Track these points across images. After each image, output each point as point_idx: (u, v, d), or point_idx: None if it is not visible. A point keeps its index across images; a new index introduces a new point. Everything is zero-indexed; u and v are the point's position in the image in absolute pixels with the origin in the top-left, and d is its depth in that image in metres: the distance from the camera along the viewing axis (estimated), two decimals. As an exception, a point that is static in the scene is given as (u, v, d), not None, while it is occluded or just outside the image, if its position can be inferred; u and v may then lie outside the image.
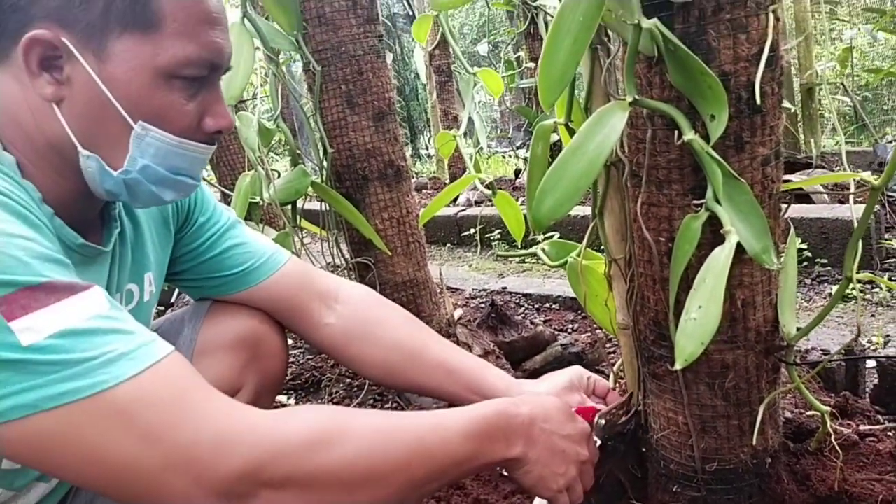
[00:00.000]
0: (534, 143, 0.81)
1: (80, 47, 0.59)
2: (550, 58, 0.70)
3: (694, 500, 0.79)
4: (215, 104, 0.68)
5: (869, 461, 0.86)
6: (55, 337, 0.49)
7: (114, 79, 0.61)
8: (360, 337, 0.90)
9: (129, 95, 0.62)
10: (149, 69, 0.61)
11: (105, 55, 0.60)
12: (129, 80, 0.61)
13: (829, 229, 1.97)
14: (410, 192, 1.37)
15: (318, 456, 0.55)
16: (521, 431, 0.70)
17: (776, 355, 0.75)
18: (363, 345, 0.90)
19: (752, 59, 0.65)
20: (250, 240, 0.90)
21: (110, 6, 0.58)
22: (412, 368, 0.90)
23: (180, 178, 0.68)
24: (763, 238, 0.66)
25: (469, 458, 0.65)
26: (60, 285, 0.52)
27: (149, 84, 0.62)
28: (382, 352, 0.90)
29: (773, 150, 0.69)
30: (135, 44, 0.60)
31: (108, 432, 0.50)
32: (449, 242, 3.35)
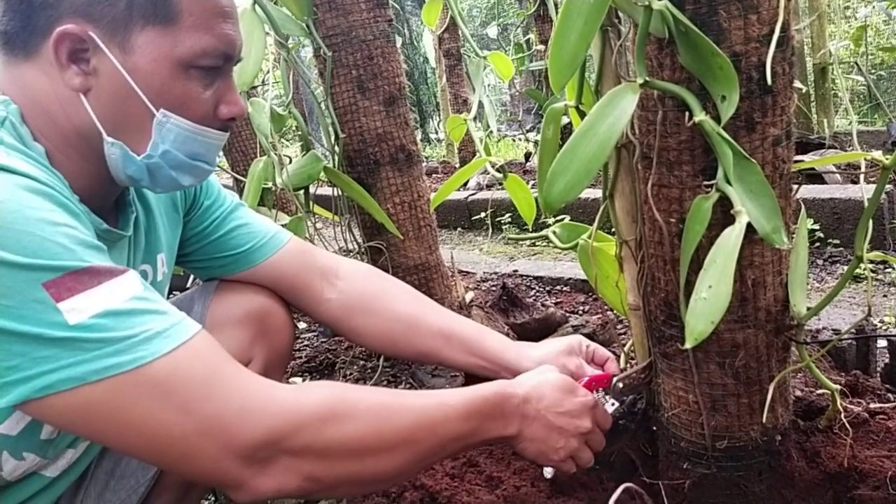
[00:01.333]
0: (544, 126, 0.81)
1: (106, 40, 0.63)
2: (561, 40, 0.71)
3: (704, 476, 0.81)
4: (229, 93, 0.72)
5: (879, 438, 0.87)
6: (98, 317, 0.54)
7: (137, 69, 0.65)
8: (360, 309, 0.95)
9: (151, 85, 0.66)
10: (169, 60, 0.65)
11: (129, 47, 0.64)
12: (151, 71, 0.65)
13: (841, 210, 1.96)
14: (421, 177, 1.38)
15: (332, 428, 0.62)
16: (517, 411, 0.76)
17: (786, 334, 0.75)
18: (364, 316, 0.95)
19: (762, 40, 0.65)
20: (253, 220, 0.94)
21: (133, 2, 0.62)
22: (412, 336, 0.94)
23: (197, 163, 0.72)
24: (773, 218, 0.66)
25: (468, 434, 0.71)
26: (102, 269, 0.57)
27: (169, 74, 0.66)
28: (383, 322, 0.95)
29: (783, 130, 0.69)
30: (156, 36, 0.64)
31: (147, 402, 0.55)
32: (460, 226, 3.36)
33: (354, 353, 1.50)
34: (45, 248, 0.54)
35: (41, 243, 0.54)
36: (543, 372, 0.83)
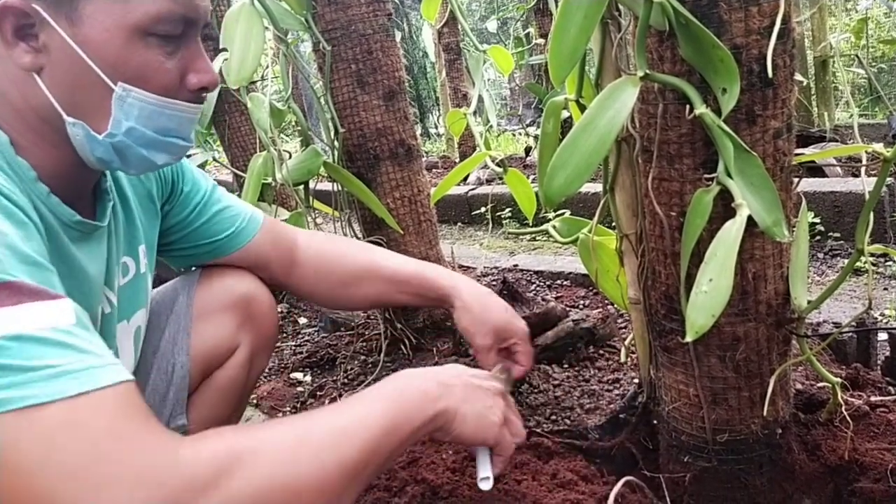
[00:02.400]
0: (545, 120, 0.81)
1: (52, 12, 0.59)
2: (561, 33, 0.70)
3: (705, 470, 0.81)
4: (197, 60, 0.67)
5: (879, 431, 0.87)
6: (3, 339, 0.46)
7: (89, 42, 0.60)
8: (324, 272, 0.99)
9: (106, 57, 0.61)
10: (122, 28, 0.61)
11: (77, 18, 0.60)
12: (104, 42, 0.61)
13: (841, 203, 1.96)
14: (421, 171, 1.37)
15: (229, 483, 0.50)
16: (432, 382, 0.71)
17: (787, 327, 0.75)
18: (327, 277, 1.00)
19: (763, 32, 0.65)
20: (231, 202, 0.94)
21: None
22: (365, 285, 1.00)
23: (170, 139, 0.68)
24: (774, 211, 0.66)
25: (394, 428, 0.63)
26: (26, 289, 0.49)
27: (124, 44, 0.61)
28: (339, 278, 1.00)
29: (784, 123, 0.69)
30: (105, 3, 0.60)
31: (30, 453, 0.45)
32: (460, 221, 3.35)
33: (355, 347, 1.51)
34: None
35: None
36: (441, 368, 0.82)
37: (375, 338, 1.47)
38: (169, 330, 0.91)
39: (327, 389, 1.39)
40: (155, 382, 0.89)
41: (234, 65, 1.20)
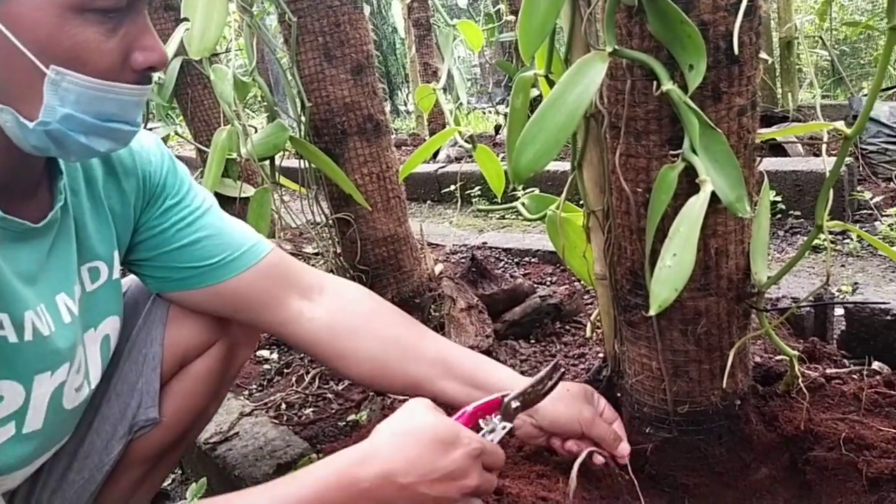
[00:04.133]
0: (514, 96, 0.81)
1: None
2: (531, 7, 0.70)
3: (666, 440, 0.83)
4: (143, 37, 0.60)
5: (834, 402, 0.90)
6: None
7: (17, 20, 0.53)
8: (348, 330, 0.84)
9: (36, 38, 0.54)
10: (55, 4, 0.54)
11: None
12: (34, 21, 0.54)
13: (802, 182, 2.00)
14: (390, 147, 1.36)
15: None
16: (370, 497, 0.60)
17: (747, 302, 0.77)
18: (353, 339, 0.83)
19: (730, 9, 0.65)
20: (225, 230, 0.82)
21: None
22: (407, 362, 0.83)
23: (112, 124, 0.61)
24: (737, 187, 0.67)
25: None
26: None
27: (58, 22, 0.54)
28: (377, 344, 0.83)
29: (749, 100, 0.70)
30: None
31: None
32: (429, 199, 3.34)
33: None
34: None
35: None
36: (410, 417, 0.66)
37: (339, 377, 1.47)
38: (144, 319, 0.86)
39: (294, 367, 1.38)
40: (125, 371, 0.85)
41: (195, 34, 1.16)
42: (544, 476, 0.85)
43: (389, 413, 1.05)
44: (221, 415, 1.17)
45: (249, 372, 1.41)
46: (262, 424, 1.11)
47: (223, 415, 1.16)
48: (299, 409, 1.20)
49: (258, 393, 1.33)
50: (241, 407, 1.18)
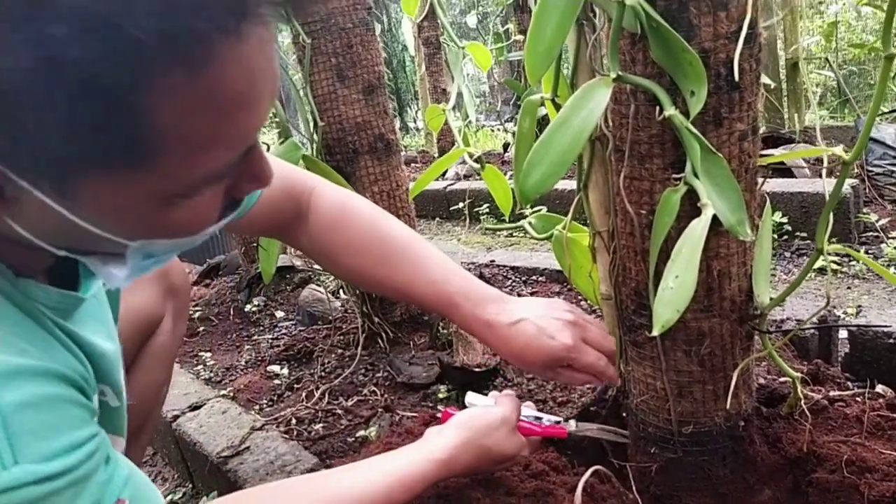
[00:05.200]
0: (521, 118, 0.83)
1: (31, 181, 0.40)
2: (538, 33, 0.72)
3: (671, 460, 0.83)
4: (253, 167, 0.49)
5: (837, 425, 0.91)
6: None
7: (94, 214, 0.43)
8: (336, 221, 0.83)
9: (121, 224, 0.45)
10: (151, 197, 0.43)
11: (67, 192, 0.41)
12: (118, 214, 0.44)
13: (808, 203, 2.01)
14: (400, 166, 1.39)
15: None
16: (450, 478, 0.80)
17: (750, 323, 0.78)
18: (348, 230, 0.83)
19: (731, 37, 0.67)
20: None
21: (69, 146, 0.37)
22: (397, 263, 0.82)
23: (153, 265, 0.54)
24: (738, 211, 0.68)
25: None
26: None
27: (154, 209, 0.44)
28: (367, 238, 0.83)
29: (750, 125, 0.72)
30: (115, 184, 0.41)
31: None
32: (438, 216, 3.37)
33: (332, 341, 1.51)
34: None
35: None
36: (488, 432, 0.81)
37: (353, 331, 1.48)
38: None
39: (304, 382, 1.39)
40: None
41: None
42: (550, 494, 0.85)
43: (398, 430, 1.06)
44: (233, 429, 1.18)
45: (260, 387, 1.43)
46: (273, 439, 1.12)
47: (234, 429, 1.18)
48: (309, 424, 1.21)
49: (268, 408, 1.34)
50: (252, 421, 1.19)
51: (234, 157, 0.44)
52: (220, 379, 1.57)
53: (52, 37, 0.32)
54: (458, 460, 0.77)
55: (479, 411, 0.84)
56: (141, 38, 0.33)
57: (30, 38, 0.32)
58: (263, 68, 0.41)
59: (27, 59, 0.32)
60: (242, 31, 0.37)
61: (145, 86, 0.35)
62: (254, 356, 1.65)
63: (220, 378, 1.57)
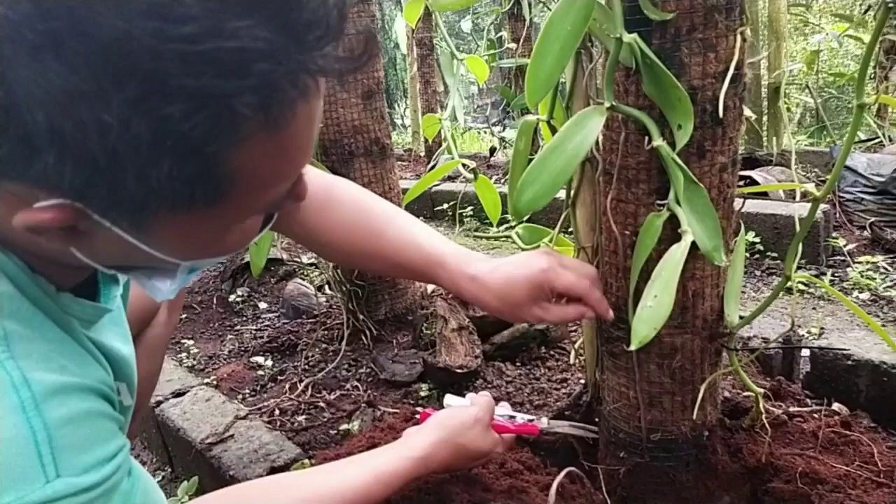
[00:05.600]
0: (518, 138, 0.87)
1: (110, 219, 0.43)
2: (539, 61, 0.77)
3: (638, 465, 0.89)
4: (297, 189, 0.52)
5: (794, 438, 0.97)
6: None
7: (159, 241, 0.46)
8: (324, 204, 0.84)
9: (183, 249, 0.49)
10: (216, 228, 0.48)
11: (142, 226, 0.44)
12: (184, 241, 0.48)
13: (781, 225, 2.09)
14: (394, 170, 1.43)
15: None
16: (427, 475, 0.84)
17: (719, 341, 0.84)
18: (338, 209, 0.85)
19: (718, 76, 0.73)
20: None
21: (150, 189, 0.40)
22: (385, 233, 0.84)
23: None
24: (715, 238, 0.74)
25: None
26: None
27: (215, 236, 0.49)
28: (354, 216, 0.85)
29: (730, 158, 0.77)
30: (193, 218, 0.44)
31: None
32: (422, 216, 3.40)
33: (317, 335, 1.55)
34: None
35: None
36: (462, 431, 0.86)
37: (337, 327, 1.52)
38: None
39: (288, 374, 1.43)
40: None
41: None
42: (524, 492, 0.90)
43: (380, 425, 1.11)
44: (217, 416, 1.21)
45: (243, 377, 1.46)
46: (257, 428, 1.15)
47: (218, 417, 1.21)
48: (292, 415, 1.24)
49: (251, 398, 1.37)
50: (236, 410, 1.22)
51: (289, 186, 0.48)
52: (203, 367, 1.59)
53: (169, 116, 0.36)
54: (434, 457, 0.82)
55: (454, 411, 0.89)
56: (248, 114, 0.38)
57: (149, 115, 0.36)
58: (320, 114, 0.46)
59: (144, 131, 0.36)
60: (316, 90, 0.42)
61: (238, 145, 0.40)
62: (237, 346, 1.68)
63: (203, 366, 1.60)
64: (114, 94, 0.35)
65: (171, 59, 0.35)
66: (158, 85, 0.35)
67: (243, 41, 0.36)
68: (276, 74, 0.38)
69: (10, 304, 0.48)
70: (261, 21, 0.36)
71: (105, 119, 0.36)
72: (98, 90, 0.35)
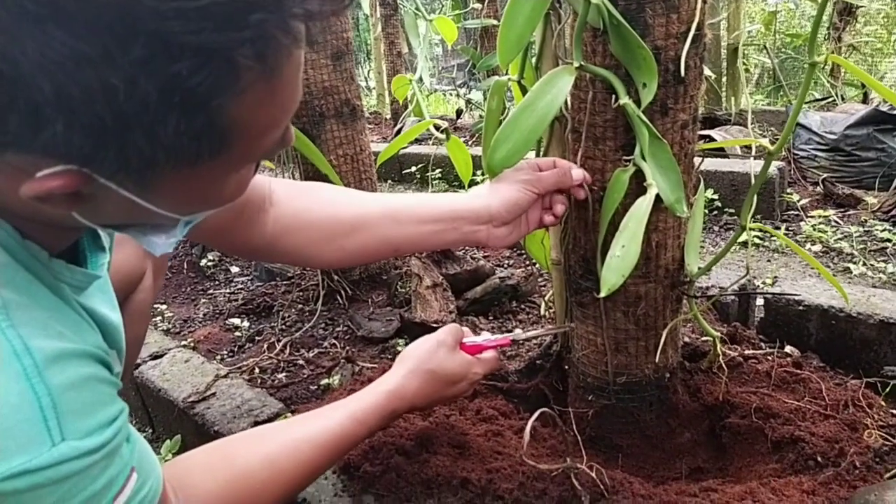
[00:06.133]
0: (489, 97, 0.90)
1: (117, 181, 0.44)
2: (510, 22, 0.79)
3: (605, 406, 0.95)
4: (285, 135, 0.52)
5: (749, 378, 1.04)
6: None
7: (162, 198, 0.47)
8: (297, 227, 0.85)
9: (186, 203, 0.50)
10: (217, 178, 0.49)
11: (149, 185, 0.45)
12: (187, 196, 0.49)
13: (738, 182, 2.17)
14: (364, 131, 1.44)
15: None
16: (407, 410, 0.86)
17: (680, 289, 0.89)
18: (302, 232, 0.86)
19: (680, 37, 0.76)
20: None
21: (157, 147, 0.41)
22: (357, 232, 0.86)
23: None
24: (677, 190, 0.79)
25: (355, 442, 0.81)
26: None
27: (216, 187, 0.50)
28: (320, 232, 0.86)
29: (691, 115, 0.81)
30: (193, 174, 0.45)
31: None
32: (390, 179, 3.41)
33: (292, 297, 1.57)
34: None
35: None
36: (430, 357, 0.86)
37: (312, 288, 1.55)
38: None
39: (265, 335, 1.45)
40: None
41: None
42: (499, 435, 0.96)
43: (360, 378, 1.15)
44: (197, 377, 1.24)
45: (220, 338, 1.48)
46: (238, 386, 1.18)
47: (199, 377, 1.23)
48: (272, 373, 1.28)
49: (230, 358, 1.40)
50: (216, 370, 1.25)
51: (281, 132, 0.50)
52: (179, 330, 1.61)
53: (176, 73, 0.37)
54: (407, 388, 0.83)
55: (417, 342, 0.89)
56: (248, 64, 0.40)
57: (156, 75, 0.37)
58: (304, 60, 0.48)
59: (151, 91, 0.38)
60: (303, 36, 0.44)
61: (238, 96, 0.41)
62: (211, 309, 1.69)
63: (178, 329, 1.61)
64: (119, 57, 0.36)
65: (172, 17, 0.36)
66: (162, 44, 0.37)
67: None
68: (269, 23, 0.39)
69: (5, 272, 0.48)
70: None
71: (112, 82, 0.37)
72: (104, 54, 0.36)
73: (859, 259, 1.83)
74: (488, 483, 0.85)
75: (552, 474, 0.85)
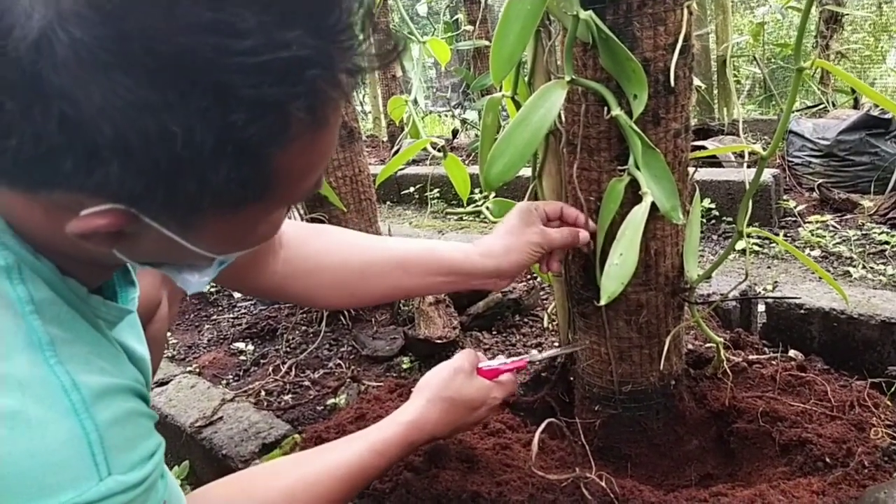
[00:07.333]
0: (484, 114, 0.92)
1: (160, 221, 0.45)
2: (501, 40, 0.81)
3: (612, 416, 0.95)
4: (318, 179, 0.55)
5: (754, 383, 1.05)
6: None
7: (201, 238, 0.48)
8: (305, 272, 0.87)
9: (223, 244, 0.51)
10: (255, 221, 0.50)
11: (190, 226, 0.46)
12: (226, 237, 0.50)
13: (734, 191, 2.18)
14: (363, 153, 1.46)
15: None
16: (428, 440, 0.84)
17: (681, 296, 0.90)
18: (312, 278, 0.88)
19: (668, 48, 0.78)
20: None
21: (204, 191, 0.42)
22: (367, 279, 0.88)
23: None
24: (672, 198, 0.80)
25: (376, 475, 0.81)
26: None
27: (252, 229, 0.51)
28: (332, 276, 0.88)
29: (683, 124, 0.83)
30: (234, 218, 0.47)
31: None
32: (389, 200, 3.43)
33: (296, 319, 1.58)
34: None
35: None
36: (448, 384, 0.85)
37: (316, 309, 1.55)
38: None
39: (270, 358, 1.46)
40: None
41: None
42: (507, 448, 0.96)
43: (366, 397, 1.15)
44: (203, 401, 1.24)
45: (226, 363, 1.48)
46: (245, 409, 1.19)
47: (205, 401, 1.23)
48: (278, 395, 1.28)
49: (235, 382, 1.40)
50: (222, 394, 1.25)
51: (318, 176, 0.51)
52: (184, 356, 1.61)
53: (233, 124, 0.39)
54: (426, 418, 0.82)
55: (433, 371, 0.88)
56: (299, 117, 0.41)
57: (213, 124, 0.39)
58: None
59: (207, 139, 0.39)
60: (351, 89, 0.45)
61: (287, 145, 0.43)
62: (216, 334, 1.70)
63: (183, 356, 1.61)
64: (180, 106, 0.38)
65: (233, 71, 0.38)
66: (222, 95, 0.38)
67: (295, 50, 0.39)
68: (321, 79, 0.41)
69: (51, 308, 0.49)
70: (306, 30, 0.40)
71: (171, 129, 0.38)
72: (165, 102, 0.38)
73: (858, 262, 1.83)
74: (498, 496, 0.85)
75: (562, 485, 0.85)
